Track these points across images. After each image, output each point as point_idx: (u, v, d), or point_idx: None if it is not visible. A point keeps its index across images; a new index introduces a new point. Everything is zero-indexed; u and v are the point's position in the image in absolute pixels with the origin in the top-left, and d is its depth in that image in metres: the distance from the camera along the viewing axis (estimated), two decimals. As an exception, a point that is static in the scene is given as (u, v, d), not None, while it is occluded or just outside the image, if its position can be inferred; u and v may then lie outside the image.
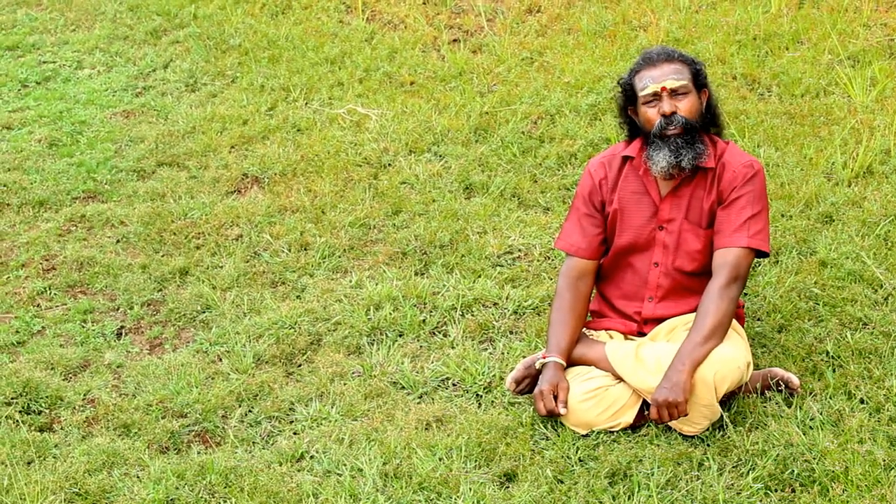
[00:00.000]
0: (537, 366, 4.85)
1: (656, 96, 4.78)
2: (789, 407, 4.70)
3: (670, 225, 4.84)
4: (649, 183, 4.88)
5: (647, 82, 4.79)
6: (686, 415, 4.50)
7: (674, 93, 4.75)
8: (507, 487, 4.43)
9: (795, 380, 4.79)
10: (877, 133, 6.72)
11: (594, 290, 5.09)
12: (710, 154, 4.80)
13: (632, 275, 4.94)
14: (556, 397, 4.70)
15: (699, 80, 4.84)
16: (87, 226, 6.71)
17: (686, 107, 4.75)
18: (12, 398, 5.09)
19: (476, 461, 4.54)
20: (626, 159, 4.95)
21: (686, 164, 4.73)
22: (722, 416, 4.58)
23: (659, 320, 4.87)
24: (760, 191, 4.78)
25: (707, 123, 4.86)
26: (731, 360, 4.55)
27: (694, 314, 4.73)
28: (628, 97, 4.91)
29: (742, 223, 4.71)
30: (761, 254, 4.77)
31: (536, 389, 4.76)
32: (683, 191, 4.83)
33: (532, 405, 4.82)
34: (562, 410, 4.68)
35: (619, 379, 4.71)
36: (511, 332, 5.48)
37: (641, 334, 4.89)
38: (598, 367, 4.78)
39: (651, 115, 4.78)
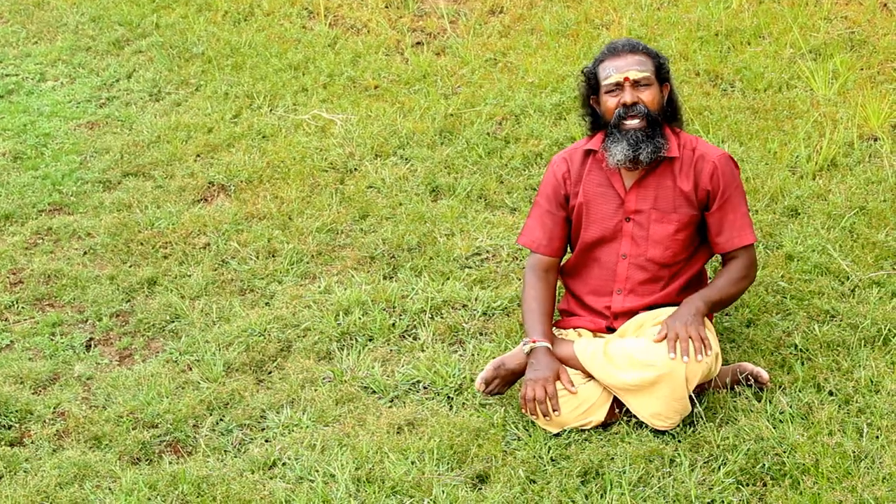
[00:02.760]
0: (526, 350, 4.83)
1: (619, 86, 4.80)
2: (759, 401, 4.72)
3: (638, 216, 4.86)
4: (613, 175, 4.90)
5: (611, 71, 4.81)
6: (710, 347, 4.57)
7: (636, 84, 4.78)
8: (480, 489, 4.43)
9: (765, 374, 4.81)
10: (840, 126, 6.75)
11: (563, 289, 5.11)
12: (673, 144, 4.84)
13: (599, 269, 4.95)
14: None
15: (661, 74, 4.87)
16: (54, 238, 6.69)
17: (648, 98, 4.78)
18: (-18, 413, 5.08)
19: (448, 463, 4.55)
20: (588, 153, 4.98)
21: (644, 158, 4.76)
22: (693, 410, 4.59)
23: (629, 313, 4.88)
24: (741, 183, 4.91)
25: (668, 117, 4.89)
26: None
27: (662, 309, 4.80)
28: (591, 86, 4.94)
29: (742, 221, 4.84)
30: None
31: (536, 374, 4.73)
32: (649, 181, 4.86)
33: (504, 403, 4.82)
34: (573, 390, 4.70)
35: (590, 377, 4.72)
36: (481, 334, 5.49)
37: (611, 330, 4.90)
38: (568, 365, 4.78)
39: (612, 104, 4.81)
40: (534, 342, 4.82)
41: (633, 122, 4.76)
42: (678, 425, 4.60)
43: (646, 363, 4.55)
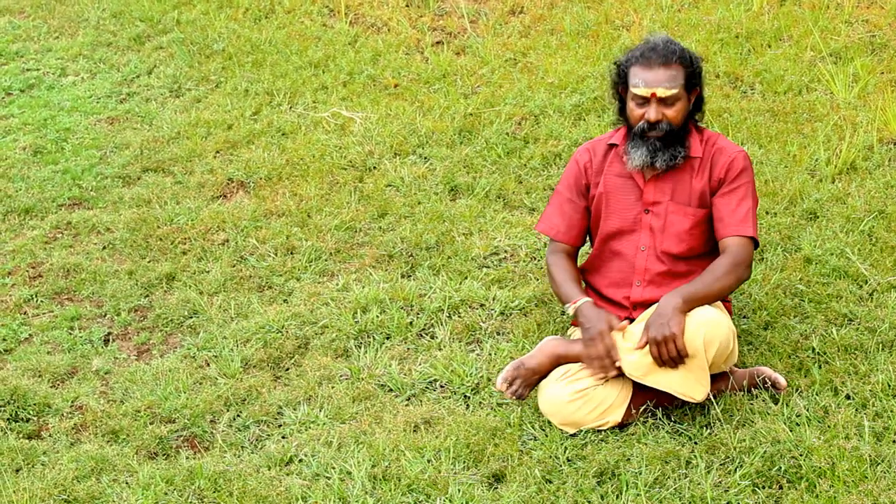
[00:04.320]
0: (570, 311, 4.86)
1: (645, 100, 4.80)
2: (776, 404, 4.71)
3: (656, 207, 4.89)
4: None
5: (639, 83, 4.80)
6: (686, 353, 4.53)
7: (662, 101, 4.78)
8: (496, 488, 4.43)
9: (782, 380, 4.80)
10: (860, 129, 6.74)
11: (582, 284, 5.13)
12: (696, 141, 4.90)
13: (619, 262, 4.97)
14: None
15: (692, 82, 4.86)
16: (73, 233, 6.71)
17: (672, 113, 4.79)
18: (0, 406, 5.09)
19: (464, 462, 4.55)
20: (611, 146, 5.02)
21: (660, 166, 4.83)
22: (710, 412, 4.59)
23: (648, 304, 4.87)
24: (754, 183, 4.91)
25: (691, 114, 4.91)
26: (718, 323, 4.58)
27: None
28: (622, 80, 4.94)
29: (745, 213, 4.82)
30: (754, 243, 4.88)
31: (592, 330, 4.72)
32: (667, 174, 4.90)
33: (520, 402, 4.83)
34: (628, 327, 4.74)
35: (605, 378, 4.72)
36: (498, 333, 5.49)
37: (630, 321, 4.89)
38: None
39: (637, 114, 4.83)
40: (574, 303, 4.86)
41: (653, 134, 4.80)
42: (699, 425, 4.61)
43: None
